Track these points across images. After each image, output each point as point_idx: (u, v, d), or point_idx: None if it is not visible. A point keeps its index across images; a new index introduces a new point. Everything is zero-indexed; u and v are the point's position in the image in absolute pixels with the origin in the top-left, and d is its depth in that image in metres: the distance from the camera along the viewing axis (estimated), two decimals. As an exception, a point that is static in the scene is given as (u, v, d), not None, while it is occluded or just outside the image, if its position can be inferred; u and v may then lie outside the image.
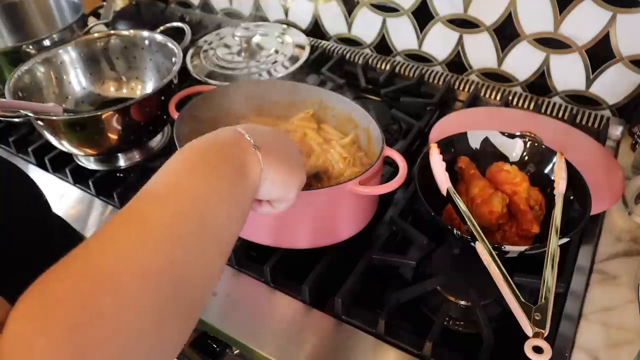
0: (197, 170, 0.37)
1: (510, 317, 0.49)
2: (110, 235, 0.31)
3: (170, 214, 0.33)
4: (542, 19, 0.85)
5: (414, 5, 0.95)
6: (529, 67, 0.92)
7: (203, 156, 0.38)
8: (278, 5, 1.13)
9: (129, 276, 0.28)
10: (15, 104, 0.71)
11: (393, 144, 0.84)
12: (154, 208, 0.33)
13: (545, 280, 0.51)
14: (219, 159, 0.38)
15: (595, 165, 0.72)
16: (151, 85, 0.89)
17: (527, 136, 0.69)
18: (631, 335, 0.57)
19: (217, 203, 0.36)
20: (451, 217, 0.63)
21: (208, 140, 0.40)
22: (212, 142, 0.40)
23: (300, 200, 0.58)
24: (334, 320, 0.59)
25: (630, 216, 0.70)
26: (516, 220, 0.62)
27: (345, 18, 1.06)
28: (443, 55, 1.00)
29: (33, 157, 0.85)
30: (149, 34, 0.86)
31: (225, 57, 0.97)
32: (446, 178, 0.63)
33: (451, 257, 0.63)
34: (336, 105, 0.72)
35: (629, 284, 0.62)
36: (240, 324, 0.59)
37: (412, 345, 0.56)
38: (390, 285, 0.64)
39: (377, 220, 0.68)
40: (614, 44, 0.82)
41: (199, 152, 0.39)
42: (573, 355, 0.55)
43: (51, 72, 0.83)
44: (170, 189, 0.35)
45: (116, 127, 0.72)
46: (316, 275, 0.61)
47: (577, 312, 0.59)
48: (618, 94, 0.86)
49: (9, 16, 1.05)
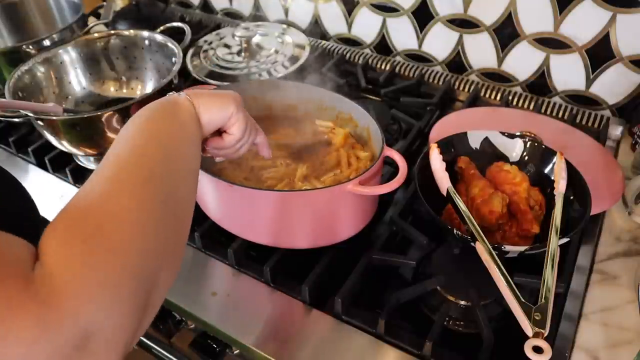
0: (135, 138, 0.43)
1: (510, 317, 0.49)
2: (100, 177, 0.37)
3: (139, 155, 0.40)
4: (542, 19, 0.85)
5: (414, 5, 0.96)
6: (529, 67, 0.92)
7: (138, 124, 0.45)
8: (278, 5, 1.13)
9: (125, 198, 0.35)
10: (15, 104, 0.71)
11: (393, 144, 0.84)
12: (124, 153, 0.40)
13: (545, 280, 0.51)
14: (154, 113, 0.46)
15: (595, 165, 0.72)
16: (151, 85, 0.89)
17: (527, 136, 0.69)
18: (631, 335, 0.57)
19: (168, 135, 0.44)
20: (451, 217, 0.63)
21: (141, 112, 0.47)
22: (144, 111, 0.46)
23: (300, 200, 0.58)
24: (334, 320, 0.59)
25: (630, 216, 0.70)
26: (516, 220, 0.62)
27: (345, 18, 1.06)
28: (443, 55, 1.00)
29: (33, 157, 0.85)
30: (149, 34, 0.86)
31: (225, 57, 0.97)
32: (446, 178, 0.63)
33: (451, 257, 0.63)
34: (336, 105, 0.72)
35: (629, 284, 0.62)
36: (240, 324, 0.59)
37: (412, 345, 0.56)
38: (390, 285, 0.64)
39: (377, 220, 0.68)
40: (614, 44, 0.82)
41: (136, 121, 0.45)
42: (573, 355, 0.55)
43: (51, 72, 0.83)
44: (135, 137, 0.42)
45: (116, 127, 0.72)
46: (316, 275, 0.61)
47: (577, 312, 0.59)
48: (618, 94, 0.86)
49: (9, 16, 1.05)
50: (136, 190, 0.36)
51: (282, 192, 0.60)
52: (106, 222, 0.33)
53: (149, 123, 0.44)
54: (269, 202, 0.58)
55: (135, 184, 0.37)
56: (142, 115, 0.45)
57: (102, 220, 0.33)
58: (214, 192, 0.62)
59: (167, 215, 0.38)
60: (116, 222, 0.33)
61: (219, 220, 0.66)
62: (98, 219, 0.33)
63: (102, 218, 0.33)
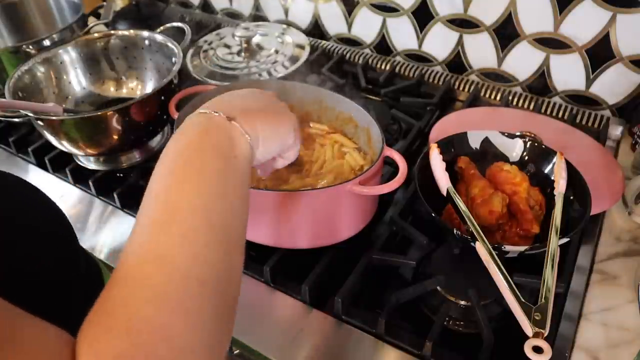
0: (186, 178, 0.36)
1: (510, 317, 0.49)
2: (134, 272, 0.32)
3: (179, 235, 0.33)
4: (542, 19, 0.85)
5: (414, 5, 0.95)
6: (529, 67, 0.92)
7: (186, 160, 0.37)
8: (278, 5, 1.13)
9: (172, 298, 0.30)
10: (15, 104, 0.71)
11: (393, 144, 0.84)
12: (161, 236, 0.33)
13: (545, 280, 0.51)
14: (200, 155, 0.37)
15: (595, 165, 0.72)
16: (151, 85, 0.89)
17: (527, 136, 0.69)
18: (631, 335, 0.57)
19: (217, 201, 0.36)
20: (451, 217, 0.63)
21: (181, 139, 0.39)
22: (188, 141, 0.39)
23: (300, 200, 0.58)
24: (334, 320, 0.59)
25: (630, 216, 0.70)
26: (516, 220, 0.62)
27: (345, 18, 1.06)
28: (443, 55, 1.00)
29: (33, 157, 0.85)
30: (149, 34, 0.86)
31: (225, 57, 0.97)
32: (446, 178, 0.63)
33: (451, 257, 0.63)
34: (336, 105, 0.72)
35: (629, 284, 0.62)
36: (240, 324, 0.59)
37: (412, 345, 0.56)
38: (390, 285, 0.64)
39: (377, 220, 0.68)
40: (614, 44, 0.82)
41: (179, 157, 0.38)
42: (573, 355, 0.55)
43: (51, 72, 0.83)
44: (169, 211, 0.35)
45: (116, 127, 0.72)
46: (316, 275, 0.61)
47: (577, 312, 0.59)
48: (618, 94, 0.86)
49: (9, 16, 1.05)
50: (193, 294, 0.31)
51: (282, 192, 0.60)
52: (159, 342, 0.29)
53: (202, 178, 0.36)
54: (269, 202, 0.58)
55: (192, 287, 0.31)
56: (195, 149, 0.37)
57: (155, 340, 0.29)
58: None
59: (223, 311, 0.34)
60: (167, 342, 0.29)
61: (219, 220, 0.66)
62: (148, 337, 0.29)
63: (153, 337, 0.29)
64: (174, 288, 0.31)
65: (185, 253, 0.32)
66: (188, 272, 0.32)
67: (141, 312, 0.29)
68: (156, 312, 0.29)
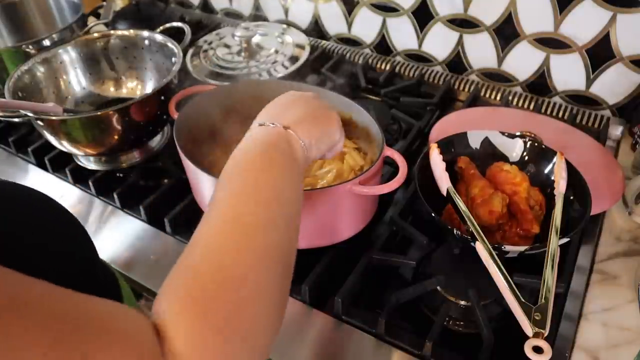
0: (257, 168, 0.41)
1: (510, 317, 0.49)
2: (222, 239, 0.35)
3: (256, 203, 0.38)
4: (542, 19, 0.85)
5: (414, 5, 0.95)
6: (529, 67, 0.92)
7: (255, 157, 0.42)
8: (278, 5, 1.13)
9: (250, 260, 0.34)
10: (15, 104, 0.71)
11: (393, 144, 0.83)
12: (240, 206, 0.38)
13: (545, 280, 0.51)
14: (268, 153, 0.43)
15: (596, 165, 0.72)
16: (151, 85, 0.89)
17: (527, 136, 0.69)
18: (631, 335, 0.57)
19: (286, 190, 0.41)
20: (451, 217, 0.63)
21: (247, 144, 0.44)
22: (254, 144, 0.44)
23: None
24: (334, 320, 0.59)
25: (630, 216, 0.70)
26: (516, 220, 0.62)
27: (345, 18, 1.06)
28: (443, 55, 1.00)
29: (33, 157, 0.85)
30: (149, 34, 0.86)
31: (225, 57, 0.97)
32: (446, 178, 0.63)
33: (451, 257, 0.63)
34: (336, 105, 0.72)
35: (629, 284, 0.62)
36: (240, 324, 0.59)
37: (412, 345, 0.56)
38: (390, 285, 0.64)
39: (377, 220, 0.68)
40: (614, 43, 0.82)
41: (248, 154, 0.43)
42: (573, 355, 0.55)
43: (51, 72, 0.83)
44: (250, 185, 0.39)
45: (116, 127, 0.72)
46: (316, 275, 0.61)
47: (577, 312, 0.59)
48: (618, 94, 0.86)
49: (9, 16, 1.05)
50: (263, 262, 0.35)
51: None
52: (242, 308, 0.32)
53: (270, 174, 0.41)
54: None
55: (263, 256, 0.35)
56: (262, 150, 0.42)
57: (238, 306, 0.32)
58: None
59: (285, 282, 0.38)
60: (249, 307, 0.32)
61: (219, 220, 0.66)
62: (232, 304, 0.32)
63: (236, 303, 0.32)
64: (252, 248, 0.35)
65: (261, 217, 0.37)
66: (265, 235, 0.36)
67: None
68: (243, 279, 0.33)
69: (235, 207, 0.37)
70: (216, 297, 0.31)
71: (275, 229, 0.37)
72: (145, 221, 0.73)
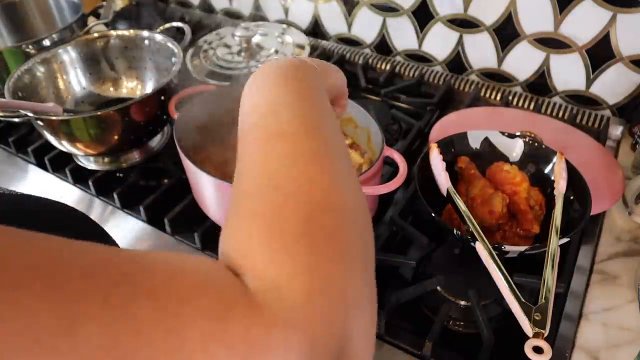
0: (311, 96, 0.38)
1: (510, 317, 0.49)
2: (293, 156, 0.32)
3: (315, 128, 0.34)
4: (542, 18, 0.85)
5: (414, 5, 0.95)
6: (529, 67, 0.92)
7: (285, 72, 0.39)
8: (278, 5, 1.13)
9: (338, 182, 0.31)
10: (15, 104, 0.71)
11: (393, 144, 0.83)
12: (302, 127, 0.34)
13: (545, 280, 0.51)
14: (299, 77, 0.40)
15: (596, 165, 0.72)
16: (151, 85, 0.89)
17: (527, 136, 0.69)
18: (631, 335, 0.57)
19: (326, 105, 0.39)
20: (451, 217, 0.63)
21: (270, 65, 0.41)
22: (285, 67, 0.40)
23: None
24: (334, 320, 0.59)
25: (630, 216, 0.70)
26: (516, 220, 0.62)
27: (345, 18, 1.06)
28: (443, 55, 1.00)
29: (33, 157, 0.84)
30: (149, 34, 0.86)
31: (225, 57, 0.97)
32: (446, 178, 0.63)
33: (451, 257, 0.63)
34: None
35: (629, 284, 0.62)
36: (240, 324, 0.59)
37: (412, 345, 0.56)
38: (390, 285, 0.64)
39: (377, 220, 0.68)
40: (614, 43, 0.82)
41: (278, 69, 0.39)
42: (573, 355, 0.55)
43: (51, 72, 0.83)
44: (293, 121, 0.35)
45: (116, 127, 0.72)
46: (316, 275, 0.61)
47: (577, 312, 0.59)
48: (618, 94, 0.86)
49: (9, 16, 1.05)
50: (336, 168, 0.31)
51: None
52: (321, 207, 0.28)
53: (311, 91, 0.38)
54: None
55: (334, 163, 0.32)
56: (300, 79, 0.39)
57: (312, 209, 0.28)
58: (214, 191, 0.62)
59: (360, 195, 0.34)
60: (337, 218, 0.28)
61: (219, 220, 0.66)
62: (307, 205, 0.28)
63: (311, 204, 0.28)
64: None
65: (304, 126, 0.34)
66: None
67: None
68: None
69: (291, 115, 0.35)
70: (284, 205, 0.28)
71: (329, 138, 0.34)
72: (145, 221, 0.73)
